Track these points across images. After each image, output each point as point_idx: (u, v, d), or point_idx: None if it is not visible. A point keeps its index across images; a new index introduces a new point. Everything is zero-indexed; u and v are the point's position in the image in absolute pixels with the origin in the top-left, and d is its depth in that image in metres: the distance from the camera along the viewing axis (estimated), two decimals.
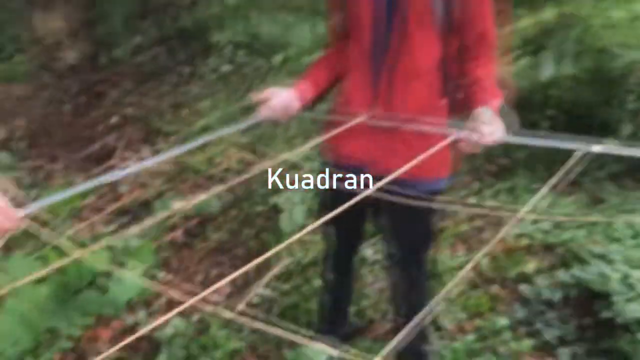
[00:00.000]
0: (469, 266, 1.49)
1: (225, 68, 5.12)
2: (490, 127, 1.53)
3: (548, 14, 3.93)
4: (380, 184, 1.42)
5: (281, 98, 1.72)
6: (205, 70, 5.10)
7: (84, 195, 3.31)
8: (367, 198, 1.49)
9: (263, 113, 1.73)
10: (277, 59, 5.31)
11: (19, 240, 2.85)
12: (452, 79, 1.73)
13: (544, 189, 1.49)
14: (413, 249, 1.95)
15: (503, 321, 2.49)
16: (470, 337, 2.42)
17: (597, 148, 1.37)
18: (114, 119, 4.31)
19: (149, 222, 2.40)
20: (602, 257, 2.78)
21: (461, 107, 1.72)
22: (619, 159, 3.65)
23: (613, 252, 2.80)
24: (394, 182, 1.44)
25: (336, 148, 1.85)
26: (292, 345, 2.27)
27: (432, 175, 1.78)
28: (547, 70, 3.29)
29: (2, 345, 2.18)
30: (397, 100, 1.71)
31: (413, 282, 1.98)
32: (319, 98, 1.85)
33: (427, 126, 1.66)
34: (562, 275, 2.70)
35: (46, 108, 4.28)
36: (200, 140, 1.68)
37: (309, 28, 5.81)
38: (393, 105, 1.71)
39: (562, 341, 2.41)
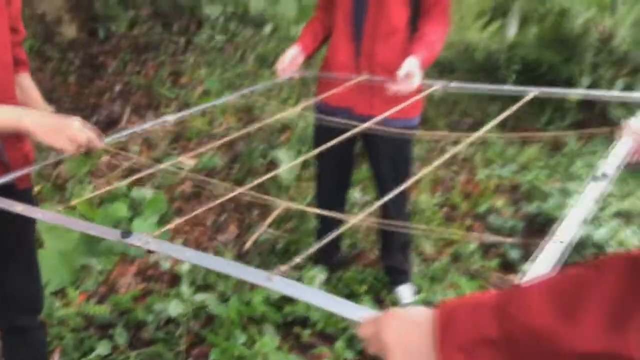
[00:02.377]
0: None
1: (219, 38, 5.42)
2: (409, 75, 1.90)
3: None
4: (371, 122, 1.80)
5: (290, 52, 2.13)
6: (200, 41, 5.40)
7: (99, 155, 3.63)
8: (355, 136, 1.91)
9: (284, 71, 2.15)
10: (267, 28, 5.63)
11: (48, 193, 3.20)
12: None
13: (495, 121, 1.87)
14: (395, 171, 2.31)
15: (474, 246, 2.90)
16: (446, 259, 2.83)
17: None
18: (117, 88, 4.61)
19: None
20: (562, 191, 3.20)
21: None
22: (582, 108, 4.07)
23: (571, 187, 3.21)
24: (369, 115, 1.88)
25: (327, 93, 2.22)
26: (296, 267, 2.67)
27: (405, 116, 2.15)
28: (511, 31, 3.64)
29: (47, 275, 2.54)
30: (377, 52, 2.09)
31: (397, 205, 2.36)
32: (317, 50, 2.25)
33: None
34: (525, 206, 3.11)
35: (53, 79, 4.56)
36: (238, 93, 2.14)
37: (294, 0, 6.10)
38: (374, 56, 2.09)
39: (524, 259, 2.83)
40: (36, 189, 3.11)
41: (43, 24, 4.90)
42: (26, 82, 1.64)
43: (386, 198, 1.56)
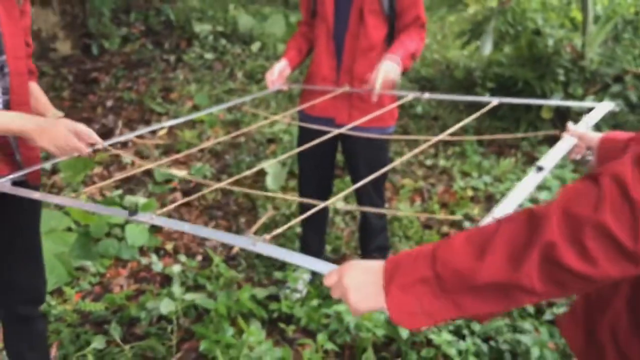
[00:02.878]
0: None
1: (208, 55, 5.62)
2: (387, 70, 2.06)
3: (491, 1, 4.51)
4: (349, 126, 1.98)
5: (278, 66, 2.31)
6: (190, 58, 5.59)
7: (91, 166, 3.78)
8: (335, 140, 2.09)
9: (273, 83, 2.32)
10: (255, 46, 5.84)
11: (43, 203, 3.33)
12: None
13: (463, 122, 2.05)
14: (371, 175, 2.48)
15: None
16: None
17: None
18: (109, 102, 4.78)
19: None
20: (532, 201, 3.39)
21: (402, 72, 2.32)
22: (555, 123, 4.30)
23: (541, 197, 3.41)
24: (355, 128, 2.05)
25: (311, 105, 2.40)
26: (281, 268, 2.82)
27: (381, 124, 2.33)
28: (487, 49, 3.86)
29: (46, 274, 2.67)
30: (357, 66, 2.27)
31: (374, 206, 2.53)
32: (301, 63, 2.44)
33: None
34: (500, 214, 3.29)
35: (47, 94, 4.69)
36: (229, 103, 2.31)
37: (281, 19, 6.33)
38: (354, 70, 2.27)
39: None
40: None
41: (38, 40, 5.07)
42: (36, 89, 1.78)
43: (360, 184, 1.72)
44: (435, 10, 8.15)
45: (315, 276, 2.81)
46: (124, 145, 4.14)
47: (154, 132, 4.37)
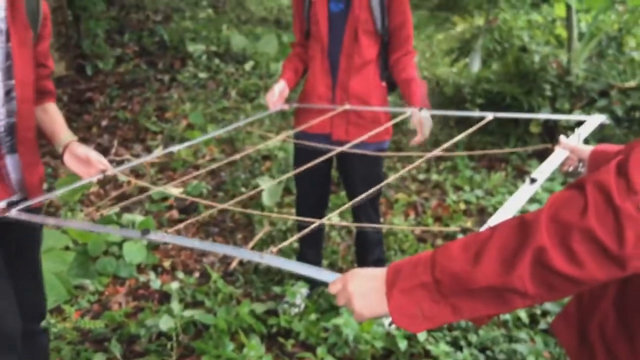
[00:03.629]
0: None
1: (202, 75, 5.69)
2: (425, 122, 2.19)
3: (478, 20, 4.62)
4: (347, 145, 2.04)
5: (278, 87, 2.37)
6: (184, 77, 5.65)
7: (88, 186, 3.81)
8: (331, 156, 2.15)
9: (274, 104, 2.37)
10: (248, 65, 5.92)
11: None
12: (387, 68, 2.39)
13: (457, 138, 2.11)
14: (367, 190, 2.53)
15: None
16: None
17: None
18: (104, 122, 4.82)
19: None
20: (523, 212, 3.45)
21: (394, 87, 2.41)
22: (543, 137, 4.38)
23: (532, 208, 3.47)
24: (344, 139, 2.14)
25: (307, 121, 2.46)
26: (279, 283, 2.86)
27: (377, 140, 2.39)
28: (475, 66, 3.95)
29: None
30: (351, 83, 2.34)
31: (370, 221, 2.58)
32: (298, 83, 2.51)
33: (377, 107, 2.33)
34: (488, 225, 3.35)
35: None
36: (235, 125, 2.37)
37: (274, 38, 6.43)
38: (349, 87, 2.34)
39: None
40: None
41: None
42: (53, 109, 1.82)
43: (357, 199, 1.76)
44: (423, 28, 8.28)
45: (313, 290, 2.84)
46: (120, 163, 4.17)
47: (149, 150, 4.41)
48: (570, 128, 4.23)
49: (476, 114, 2.20)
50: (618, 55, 4.57)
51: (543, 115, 2.20)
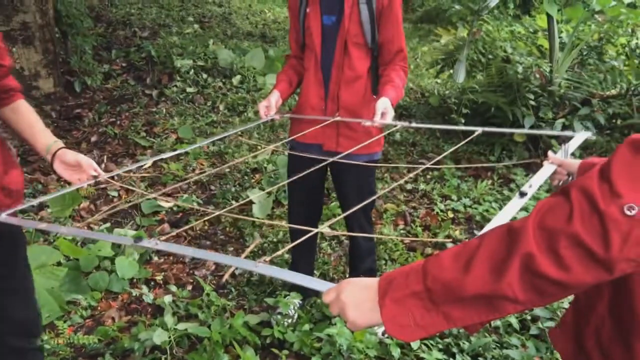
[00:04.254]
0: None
1: (190, 89, 5.72)
2: (384, 112, 2.16)
3: (462, 31, 4.71)
4: (340, 156, 2.08)
5: (273, 97, 2.41)
6: (172, 92, 5.68)
7: (79, 201, 3.81)
8: (323, 167, 2.19)
9: (267, 114, 2.40)
10: (235, 79, 5.96)
11: (31, 235, 3.35)
12: (379, 81, 2.43)
13: (448, 151, 2.16)
14: (360, 200, 2.56)
15: None
16: None
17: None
18: (93, 138, 4.82)
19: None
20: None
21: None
22: (527, 146, 4.45)
23: (519, 216, 3.53)
24: (336, 151, 2.18)
25: (300, 132, 2.50)
26: (271, 294, 2.88)
27: (369, 151, 2.44)
28: (460, 77, 4.02)
29: None
30: (342, 96, 2.39)
31: (363, 230, 2.62)
32: (291, 94, 2.56)
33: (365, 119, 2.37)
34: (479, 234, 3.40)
35: None
36: (226, 134, 2.39)
37: (260, 52, 6.48)
38: (340, 99, 2.39)
39: None
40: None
41: (21, 78, 5.12)
42: (24, 108, 1.71)
43: (350, 211, 1.80)
44: (407, 41, 8.40)
45: (305, 301, 2.87)
46: (110, 178, 4.18)
47: (139, 166, 4.43)
48: (554, 138, 4.32)
49: (467, 128, 2.25)
50: (599, 64, 4.68)
51: (532, 131, 2.25)
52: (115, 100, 5.53)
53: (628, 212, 0.74)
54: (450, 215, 3.77)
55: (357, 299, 0.95)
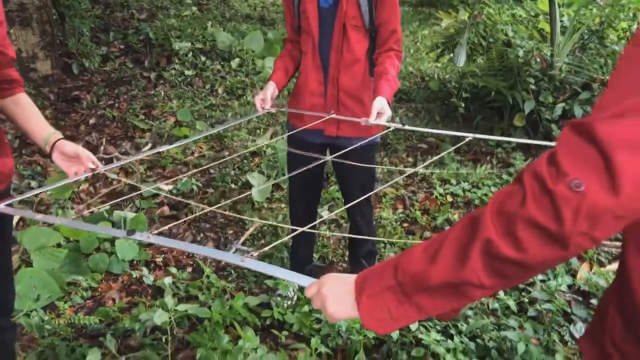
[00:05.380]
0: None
1: (189, 72, 5.69)
2: (380, 112, 2.16)
3: (462, 15, 4.68)
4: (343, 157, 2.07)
5: (269, 90, 2.38)
6: (170, 75, 5.65)
7: (78, 183, 3.81)
8: (323, 152, 2.19)
9: (262, 106, 2.38)
10: (234, 62, 5.93)
11: (31, 220, 3.35)
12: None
13: (442, 154, 2.17)
14: (361, 184, 2.56)
15: None
16: None
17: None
18: (92, 120, 4.81)
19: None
20: None
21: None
22: (527, 130, 4.45)
23: None
24: (344, 138, 2.25)
25: (299, 117, 2.49)
26: (271, 276, 2.88)
27: (368, 134, 2.43)
28: (461, 61, 4.01)
29: (38, 290, 2.70)
30: (342, 79, 2.37)
31: (362, 214, 2.62)
32: (288, 82, 2.53)
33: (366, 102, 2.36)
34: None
35: None
36: (226, 125, 2.36)
37: (259, 35, 6.43)
38: (339, 83, 2.37)
39: None
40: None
41: (18, 60, 5.08)
42: (25, 101, 1.72)
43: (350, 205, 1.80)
44: (407, 24, 8.35)
45: None
46: (109, 161, 4.18)
47: (138, 148, 4.42)
48: (555, 121, 4.31)
49: (457, 133, 2.24)
50: (600, 48, 4.66)
51: (517, 139, 2.25)
52: (113, 82, 5.51)
53: (575, 189, 0.77)
54: (449, 199, 3.78)
55: (336, 293, 0.99)
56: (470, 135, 2.11)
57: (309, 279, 1.08)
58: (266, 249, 1.47)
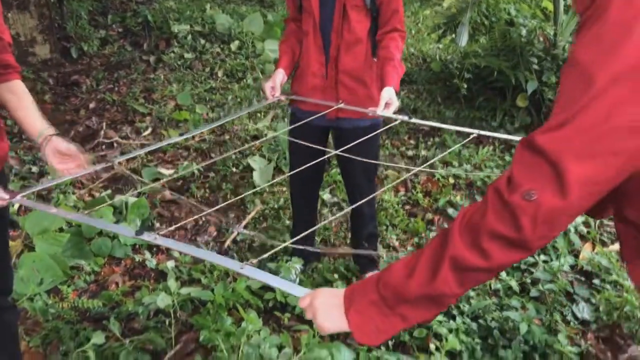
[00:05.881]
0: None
1: (188, 55, 5.65)
2: (388, 103, 2.17)
3: None
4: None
5: (278, 78, 2.39)
6: (169, 58, 5.61)
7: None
8: (326, 133, 2.20)
9: (273, 95, 2.40)
10: (234, 45, 5.88)
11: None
12: (377, 48, 2.39)
13: (436, 158, 2.15)
14: (364, 168, 2.54)
15: (434, 234, 3.17)
16: (410, 248, 3.10)
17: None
18: (92, 104, 4.78)
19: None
20: None
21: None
22: (530, 111, 4.42)
23: None
24: (345, 119, 2.31)
25: (303, 97, 2.47)
26: (273, 259, 2.89)
27: (372, 116, 2.41)
28: (463, 41, 3.97)
29: (41, 274, 2.71)
30: (343, 60, 2.35)
31: (364, 194, 2.61)
32: (296, 64, 2.50)
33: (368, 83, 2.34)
34: (480, 199, 3.40)
35: None
36: (234, 116, 2.36)
37: (259, 17, 6.37)
38: (341, 64, 2.35)
39: None
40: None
41: (17, 44, 5.05)
42: (20, 89, 1.69)
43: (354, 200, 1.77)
44: (408, 5, 8.26)
45: (307, 266, 2.89)
46: (110, 145, 4.16)
47: (138, 132, 4.40)
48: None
49: (464, 129, 2.22)
50: None
51: (505, 136, 2.24)
52: (112, 66, 5.47)
53: (529, 198, 0.86)
54: (451, 181, 3.77)
55: (327, 306, 1.06)
56: (475, 132, 2.11)
57: (304, 290, 1.13)
58: (265, 255, 1.51)
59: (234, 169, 3.96)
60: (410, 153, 4.20)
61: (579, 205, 0.87)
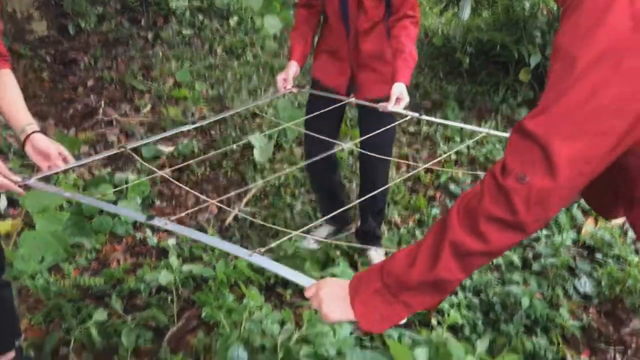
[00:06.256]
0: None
1: (186, 31, 5.58)
2: (399, 99, 2.20)
3: None
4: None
5: (291, 71, 2.41)
6: (168, 35, 5.54)
7: (78, 145, 3.77)
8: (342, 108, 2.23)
9: (285, 87, 2.42)
10: (233, 21, 5.80)
11: None
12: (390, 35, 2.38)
13: (450, 152, 2.12)
14: (379, 141, 2.50)
15: (436, 210, 3.16)
16: (412, 225, 3.09)
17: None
18: (90, 82, 4.74)
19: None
20: None
21: None
22: (533, 86, 4.38)
23: None
24: (365, 97, 2.35)
25: (323, 73, 2.50)
26: (274, 236, 2.88)
27: (388, 93, 2.36)
28: (465, 15, 3.91)
29: (42, 252, 2.70)
30: (361, 45, 2.37)
31: (376, 170, 2.59)
32: (308, 54, 2.53)
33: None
34: (483, 175, 3.38)
35: (26, 76, 4.66)
36: (243, 107, 2.35)
37: None
38: (359, 48, 2.37)
39: None
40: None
41: (13, 21, 4.99)
42: (8, 79, 1.65)
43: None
44: None
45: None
46: (109, 123, 4.13)
47: (137, 110, 4.37)
48: None
49: (474, 128, 2.29)
50: None
51: (497, 132, 2.22)
52: (110, 43, 5.41)
53: (521, 181, 0.89)
54: (453, 157, 3.74)
55: (332, 296, 1.07)
56: (484, 131, 2.10)
57: (310, 280, 1.15)
58: (273, 245, 1.57)
59: (234, 147, 3.93)
60: (412, 129, 4.17)
61: (569, 185, 0.90)
